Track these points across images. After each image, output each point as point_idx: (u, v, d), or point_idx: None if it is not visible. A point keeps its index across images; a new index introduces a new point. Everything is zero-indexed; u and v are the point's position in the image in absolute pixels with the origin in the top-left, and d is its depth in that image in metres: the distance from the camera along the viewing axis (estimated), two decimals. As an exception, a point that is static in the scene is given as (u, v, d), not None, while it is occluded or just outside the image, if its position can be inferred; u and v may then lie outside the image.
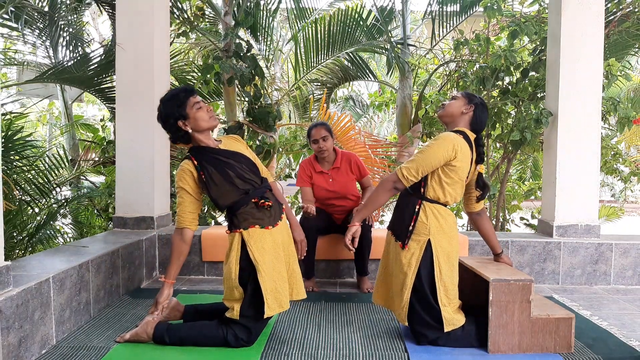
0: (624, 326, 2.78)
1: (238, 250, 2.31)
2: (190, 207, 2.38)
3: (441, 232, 2.37)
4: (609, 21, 4.52)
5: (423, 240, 2.36)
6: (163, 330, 2.35)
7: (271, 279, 2.30)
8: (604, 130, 6.40)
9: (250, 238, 2.31)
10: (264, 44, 5.96)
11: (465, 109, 2.46)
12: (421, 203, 2.39)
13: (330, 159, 3.46)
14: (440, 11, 6.07)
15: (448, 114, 2.49)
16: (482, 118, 2.48)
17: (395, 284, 2.44)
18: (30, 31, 4.86)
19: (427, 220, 2.36)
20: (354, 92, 11.32)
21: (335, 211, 3.49)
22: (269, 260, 2.32)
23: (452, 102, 2.51)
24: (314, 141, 3.39)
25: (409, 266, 2.36)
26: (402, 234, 2.41)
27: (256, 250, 2.29)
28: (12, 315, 2.06)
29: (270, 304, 2.27)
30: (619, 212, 7.32)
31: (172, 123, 2.33)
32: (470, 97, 2.50)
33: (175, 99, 2.32)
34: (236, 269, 2.30)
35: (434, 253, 2.34)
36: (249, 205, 2.35)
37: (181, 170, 2.36)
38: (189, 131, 2.33)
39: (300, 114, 8.14)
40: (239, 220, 2.34)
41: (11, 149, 3.72)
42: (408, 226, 2.39)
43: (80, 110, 13.16)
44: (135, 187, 3.72)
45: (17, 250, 3.93)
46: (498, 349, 2.32)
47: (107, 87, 4.98)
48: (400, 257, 2.40)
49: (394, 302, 2.47)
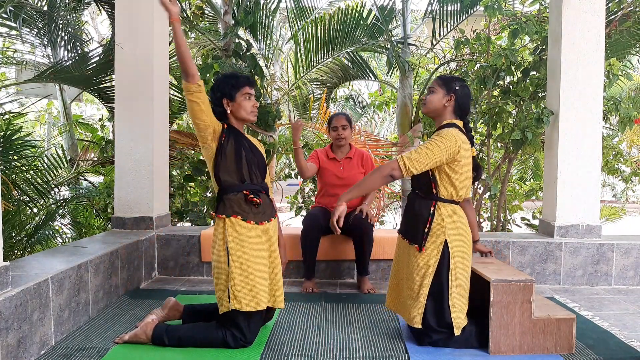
0: (625, 327, 2.77)
1: (224, 235, 2.34)
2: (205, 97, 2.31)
3: (456, 232, 2.35)
4: (610, 20, 4.50)
5: (440, 241, 2.33)
6: (162, 331, 2.34)
7: (246, 272, 2.29)
8: (605, 130, 6.39)
9: (230, 226, 2.34)
10: (263, 43, 5.94)
11: (446, 101, 2.42)
12: (435, 204, 2.36)
13: (345, 149, 3.58)
14: (440, 10, 6.05)
15: (431, 110, 2.46)
16: (464, 104, 2.44)
17: (408, 288, 2.39)
18: (29, 30, 4.84)
19: (443, 220, 2.34)
20: (354, 92, 11.31)
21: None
22: (248, 253, 2.32)
23: (431, 98, 2.45)
24: (334, 128, 3.51)
25: (427, 268, 2.33)
26: (417, 236, 2.37)
27: (232, 239, 2.32)
28: (11, 315, 2.04)
29: (237, 295, 2.25)
30: (620, 212, 7.32)
31: (219, 97, 2.42)
32: (447, 85, 2.43)
33: (234, 79, 2.43)
34: (224, 253, 2.31)
35: (451, 254, 2.33)
36: (238, 195, 2.38)
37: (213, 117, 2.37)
38: (228, 111, 2.42)
39: (300, 114, 8.12)
40: (225, 206, 2.36)
41: (10, 149, 3.71)
42: (424, 228, 2.35)
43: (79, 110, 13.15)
44: (134, 187, 3.70)
45: (15, 250, 3.92)
46: (499, 350, 2.31)
47: (106, 87, 4.97)
48: (416, 260, 2.35)
49: (405, 306, 2.42)
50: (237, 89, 2.41)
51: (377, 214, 5.85)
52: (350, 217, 3.39)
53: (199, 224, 4.76)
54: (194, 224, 4.80)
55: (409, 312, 2.39)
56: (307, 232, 3.32)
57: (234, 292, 2.26)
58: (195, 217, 4.80)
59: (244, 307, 2.26)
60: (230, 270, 2.28)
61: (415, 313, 2.35)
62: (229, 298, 2.27)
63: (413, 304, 2.36)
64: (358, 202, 3.47)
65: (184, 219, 4.91)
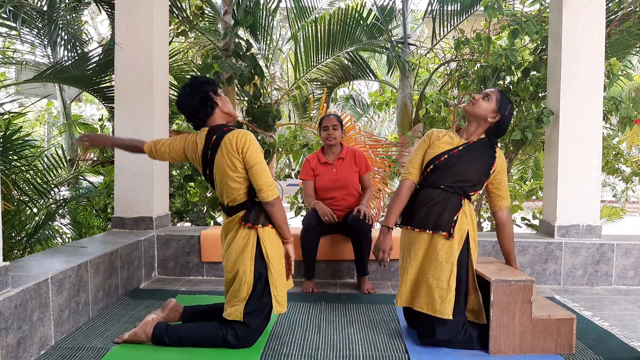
0: (626, 327, 2.76)
1: (254, 246, 2.31)
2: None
3: (473, 225, 2.44)
4: (610, 20, 4.50)
5: (464, 230, 2.40)
6: (162, 330, 2.34)
7: (280, 277, 2.35)
8: (606, 130, 6.38)
9: (265, 235, 2.33)
10: (263, 43, 5.94)
11: (491, 117, 2.45)
12: (464, 200, 2.43)
13: (336, 150, 3.56)
14: (440, 10, 6.05)
15: (475, 114, 2.47)
16: (503, 130, 2.50)
17: (435, 279, 2.34)
18: (28, 30, 4.84)
19: (467, 213, 2.42)
20: (354, 92, 11.31)
21: (336, 206, 3.47)
22: (279, 258, 2.37)
23: (482, 104, 2.45)
24: (325, 128, 3.51)
25: (454, 257, 2.36)
26: (446, 224, 2.38)
27: (269, 247, 2.32)
28: (11, 315, 2.04)
29: (280, 300, 2.33)
30: (620, 212, 7.31)
31: (206, 90, 2.36)
32: (501, 105, 2.45)
33: (212, 80, 2.45)
34: (251, 264, 2.30)
35: (470, 242, 2.40)
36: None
37: (254, 138, 2.32)
38: (218, 105, 2.38)
39: (300, 114, 8.12)
40: (260, 215, 2.34)
41: (9, 149, 3.71)
42: (453, 216, 2.38)
43: (78, 110, 13.15)
44: (134, 187, 3.70)
45: (15, 250, 3.92)
46: (499, 350, 2.31)
47: (106, 87, 4.97)
48: (444, 248, 2.35)
49: (431, 299, 2.34)
50: (216, 85, 2.42)
51: (377, 214, 5.85)
52: (348, 217, 3.39)
53: (199, 224, 4.76)
54: (193, 224, 4.80)
55: (438, 303, 2.31)
56: (307, 232, 3.32)
57: (277, 297, 2.32)
58: (195, 217, 4.80)
59: (284, 309, 2.37)
60: (272, 278, 2.31)
61: (447, 304, 2.30)
62: (269, 306, 2.32)
63: (444, 294, 2.31)
64: (356, 202, 3.47)
65: (184, 219, 4.91)
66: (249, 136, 2.29)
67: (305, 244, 3.33)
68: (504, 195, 2.51)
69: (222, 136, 2.30)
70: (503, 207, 2.52)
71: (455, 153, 2.45)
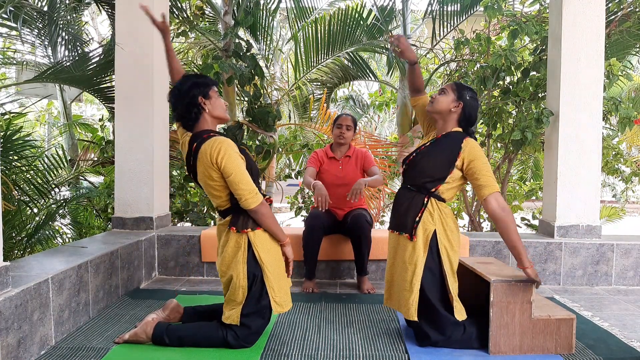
0: (625, 327, 2.77)
1: (245, 250, 2.29)
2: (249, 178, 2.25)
3: (442, 222, 2.39)
4: (610, 21, 4.50)
5: (430, 230, 2.36)
6: (162, 330, 2.34)
7: (276, 278, 2.32)
8: (605, 130, 6.38)
9: (256, 238, 2.29)
10: (263, 44, 5.94)
11: (453, 106, 2.43)
12: (428, 198, 2.40)
13: (344, 148, 3.61)
14: (440, 11, 6.05)
15: (436, 110, 2.47)
16: (471, 115, 2.45)
17: (402, 280, 2.40)
18: (29, 31, 4.84)
19: (434, 212, 2.38)
20: (354, 92, 11.30)
21: (338, 203, 3.48)
22: (273, 260, 2.33)
23: (440, 98, 2.45)
24: (338, 126, 3.56)
25: (418, 257, 2.34)
26: (408, 226, 2.39)
27: (262, 250, 2.29)
28: (11, 315, 2.04)
29: (278, 300, 2.31)
30: (620, 212, 7.32)
31: (193, 95, 2.28)
32: (459, 92, 2.44)
33: (202, 79, 2.35)
34: (244, 268, 2.28)
35: (440, 243, 2.36)
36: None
37: (229, 146, 2.22)
38: (206, 110, 2.31)
39: (300, 114, 8.12)
40: (248, 220, 2.29)
41: (10, 149, 3.71)
42: (415, 217, 2.38)
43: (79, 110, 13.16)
44: (134, 188, 3.70)
45: (16, 250, 3.92)
46: (499, 350, 2.31)
47: (106, 87, 4.97)
48: (407, 250, 2.37)
49: (400, 299, 2.41)
50: (209, 87, 2.33)
51: (377, 214, 5.86)
52: (348, 217, 3.40)
53: (199, 224, 4.76)
54: (194, 224, 4.80)
55: (404, 304, 2.37)
56: (310, 232, 3.32)
57: (274, 298, 2.30)
58: (196, 217, 4.80)
59: (285, 309, 2.34)
60: (268, 280, 2.28)
61: (410, 304, 2.33)
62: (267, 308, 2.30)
63: (407, 295, 2.35)
64: (359, 202, 3.48)
65: (184, 219, 4.91)
66: (223, 145, 2.20)
67: (308, 245, 3.34)
68: (484, 182, 2.30)
69: (200, 145, 2.25)
70: (485, 195, 2.29)
71: (422, 150, 2.48)
